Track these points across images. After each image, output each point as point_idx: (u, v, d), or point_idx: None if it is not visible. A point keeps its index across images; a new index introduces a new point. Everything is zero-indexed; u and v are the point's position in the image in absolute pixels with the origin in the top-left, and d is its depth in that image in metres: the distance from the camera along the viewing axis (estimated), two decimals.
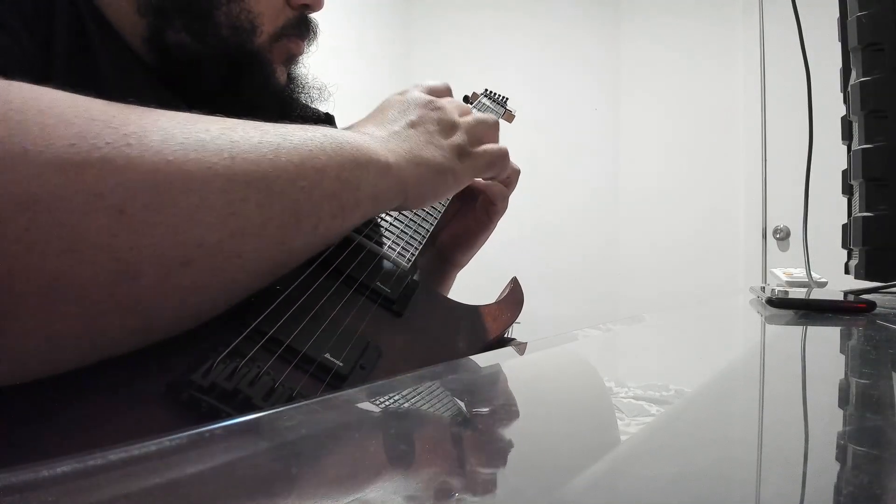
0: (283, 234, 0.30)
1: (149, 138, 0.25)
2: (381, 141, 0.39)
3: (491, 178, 0.49)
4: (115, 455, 0.15)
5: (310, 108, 0.58)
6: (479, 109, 0.78)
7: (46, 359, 0.23)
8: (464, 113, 0.46)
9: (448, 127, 0.44)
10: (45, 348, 0.23)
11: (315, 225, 0.32)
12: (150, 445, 0.16)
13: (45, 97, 0.24)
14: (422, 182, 0.40)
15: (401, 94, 0.46)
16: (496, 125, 0.48)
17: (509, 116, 0.84)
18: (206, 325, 0.29)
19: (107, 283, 0.23)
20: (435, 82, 0.49)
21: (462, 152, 0.43)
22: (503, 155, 0.47)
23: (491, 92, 0.86)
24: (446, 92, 0.49)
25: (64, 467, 0.14)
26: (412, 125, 0.42)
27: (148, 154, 0.25)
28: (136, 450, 0.16)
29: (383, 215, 0.49)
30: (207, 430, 0.18)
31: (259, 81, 0.49)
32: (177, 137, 0.26)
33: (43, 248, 0.22)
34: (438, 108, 0.44)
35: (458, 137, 0.44)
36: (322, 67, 0.58)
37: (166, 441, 0.17)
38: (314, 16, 0.52)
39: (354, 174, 0.34)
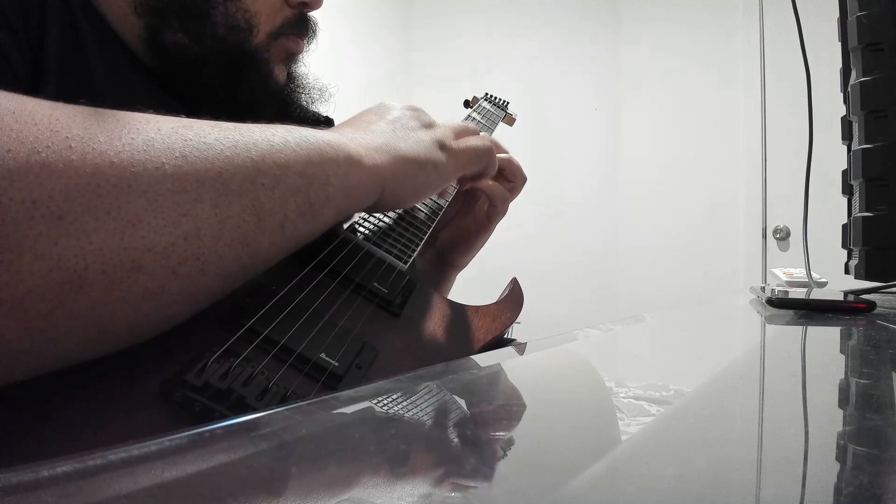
0: (245, 235, 0.28)
1: (93, 140, 0.24)
2: (353, 137, 0.38)
3: (479, 175, 0.49)
4: (115, 455, 0.15)
5: (310, 110, 0.58)
6: (479, 113, 0.78)
7: (6, 369, 0.23)
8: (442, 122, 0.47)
9: (427, 123, 0.43)
10: (2, 359, 0.22)
11: (280, 223, 0.30)
12: (150, 445, 0.16)
13: None
14: (399, 175, 0.39)
15: (378, 104, 0.46)
16: (476, 131, 0.48)
17: (510, 120, 0.84)
18: (200, 324, 0.29)
19: (51, 293, 0.22)
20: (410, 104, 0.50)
21: (443, 145, 0.43)
22: (488, 149, 0.47)
23: (491, 96, 0.86)
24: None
25: (64, 467, 0.14)
26: (390, 122, 0.42)
27: (90, 157, 0.24)
28: (136, 450, 0.16)
29: (381, 216, 0.49)
30: (207, 430, 0.18)
31: (257, 80, 0.49)
32: (123, 138, 0.25)
33: None
34: (416, 110, 0.44)
35: (437, 132, 0.43)
36: (322, 68, 0.58)
37: (166, 441, 0.17)
38: (314, 14, 0.52)
39: (322, 169, 0.33)
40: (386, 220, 0.49)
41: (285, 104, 0.53)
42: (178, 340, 0.28)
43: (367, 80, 2.41)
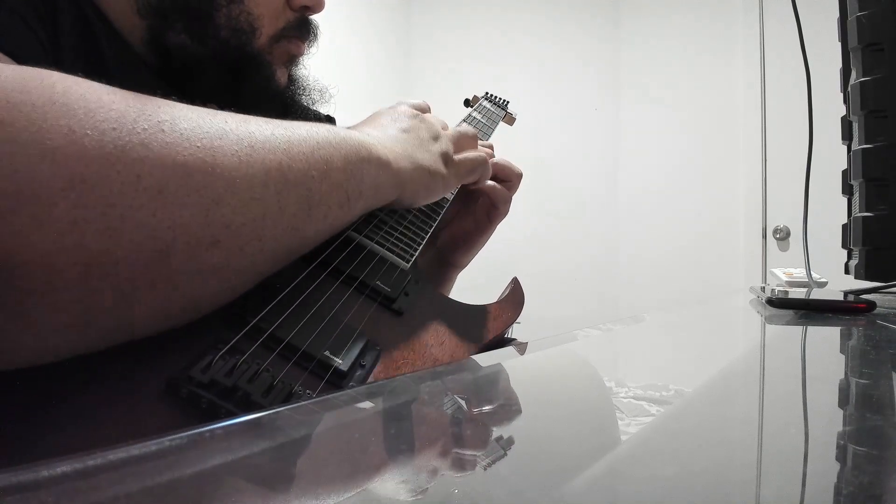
0: (298, 221, 0.31)
1: (179, 126, 0.27)
2: (379, 140, 0.41)
3: (474, 183, 0.54)
4: (115, 455, 0.15)
5: (311, 110, 0.58)
6: (479, 112, 0.78)
7: (79, 335, 0.24)
8: (444, 127, 0.51)
9: (434, 136, 0.47)
10: (79, 323, 0.24)
11: (325, 214, 0.33)
12: (150, 445, 0.16)
13: (83, 82, 0.25)
14: (416, 181, 0.43)
15: (390, 107, 0.49)
16: (475, 137, 0.53)
17: (510, 119, 0.84)
18: (206, 321, 0.29)
19: (143, 260, 0.24)
20: (418, 101, 0.54)
21: (447, 159, 0.47)
22: (483, 161, 0.52)
23: (491, 95, 0.86)
24: (428, 109, 0.54)
25: (64, 467, 0.14)
26: (404, 131, 0.45)
27: (180, 140, 0.26)
28: (136, 450, 0.16)
29: (384, 216, 0.49)
30: (208, 430, 0.18)
31: (259, 83, 0.49)
32: (202, 126, 0.28)
33: (86, 226, 0.23)
34: (424, 121, 0.48)
35: (443, 145, 0.48)
36: (322, 68, 0.58)
37: (166, 441, 0.17)
38: (315, 17, 0.52)
39: (358, 167, 0.36)
40: (388, 219, 0.49)
41: (286, 106, 0.53)
42: (184, 337, 0.28)
43: (368, 80, 2.41)
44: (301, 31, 0.51)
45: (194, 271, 0.26)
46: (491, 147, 0.65)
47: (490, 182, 0.61)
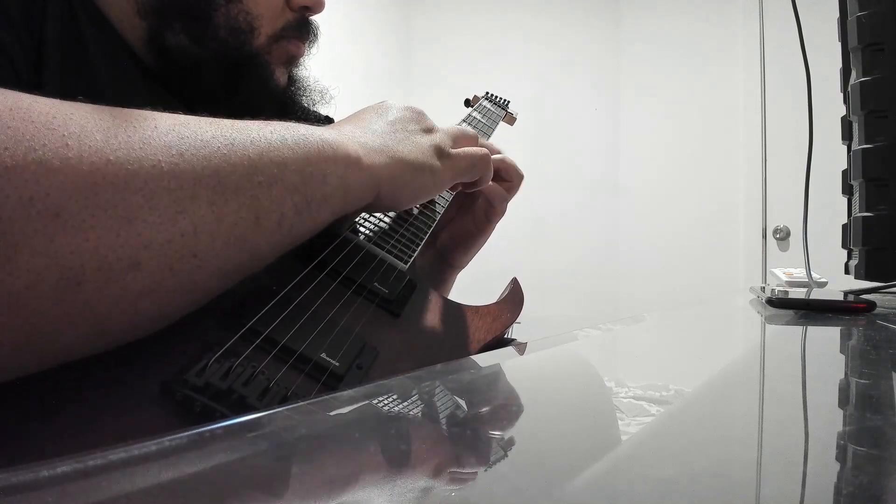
0: (242, 232, 0.29)
1: (89, 138, 0.24)
2: (352, 136, 0.38)
3: (475, 183, 0.49)
4: (115, 455, 0.15)
5: (310, 111, 0.58)
6: (480, 112, 0.78)
7: (2, 367, 0.23)
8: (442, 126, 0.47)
9: (427, 128, 0.43)
10: None
11: (278, 222, 0.30)
12: (150, 445, 0.16)
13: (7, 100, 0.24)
14: (396, 177, 0.39)
15: (378, 102, 0.46)
16: (475, 137, 0.48)
17: (510, 119, 0.84)
18: (201, 324, 0.29)
19: (48, 290, 0.22)
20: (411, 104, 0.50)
21: (441, 152, 0.43)
22: (485, 157, 0.47)
23: (492, 95, 0.86)
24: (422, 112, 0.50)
25: (64, 467, 0.14)
26: (390, 124, 0.42)
27: (87, 154, 0.24)
28: (136, 450, 0.16)
29: (381, 216, 0.49)
30: (207, 430, 0.18)
31: (258, 83, 0.49)
32: (120, 136, 0.25)
33: None
34: (417, 112, 0.44)
35: (437, 137, 0.43)
36: (322, 69, 0.58)
37: (166, 441, 0.17)
38: (315, 18, 0.52)
39: (319, 168, 0.33)
40: (386, 220, 0.49)
41: (285, 106, 0.53)
42: (179, 340, 0.28)
43: (368, 80, 2.41)
44: (301, 31, 0.51)
45: (116, 297, 0.24)
46: (491, 145, 0.62)
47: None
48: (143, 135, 0.26)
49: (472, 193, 0.62)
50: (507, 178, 0.61)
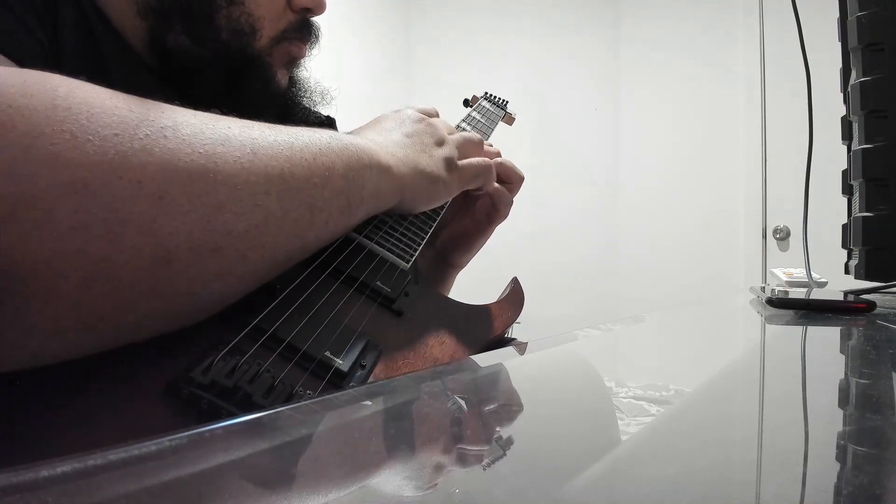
0: (299, 227, 0.31)
1: (181, 131, 0.27)
2: (382, 145, 0.41)
3: (478, 190, 0.54)
4: (115, 455, 0.15)
5: (311, 111, 0.58)
6: (479, 112, 0.78)
7: (80, 339, 0.24)
8: (450, 132, 0.51)
9: (438, 141, 0.47)
10: (79, 328, 0.24)
11: (326, 220, 0.34)
12: (150, 445, 0.16)
13: (86, 86, 0.25)
14: (417, 186, 0.43)
15: (395, 111, 0.49)
16: (481, 143, 0.53)
17: (509, 119, 0.84)
18: (206, 322, 0.29)
19: (144, 266, 0.24)
20: (425, 106, 0.53)
21: (451, 165, 0.47)
22: (488, 167, 0.52)
23: (491, 95, 0.86)
24: (435, 114, 0.53)
25: (64, 467, 0.14)
26: (408, 136, 0.45)
27: (182, 146, 0.26)
28: (136, 450, 0.16)
29: (384, 216, 0.49)
30: (207, 430, 0.18)
31: (259, 84, 0.49)
32: (205, 132, 0.28)
33: (87, 231, 0.23)
34: (430, 125, 0.48)
35: (447, 150, 0.47)
36: (322, 69, 0.58)
37: (166, 441, 0.17)
38: (316, 20, 0.52)
39: (360, 173, 0.36)
40: (388, 219, 0.49)
41: (287, 108, 0.53)
42: (184, 338, 0.28)
43: (368, 79, 2.41)
44: (302, 32, 0.51)
45: (196, 277, 0.26)
46: (498, 153, 0.64)
47: (493, 184, 0.61)
48: (222, 133, 0.29)
49: (472, 194, 0.62)
50: (508, 179, 0.61)
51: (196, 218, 0.26)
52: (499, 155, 0.61)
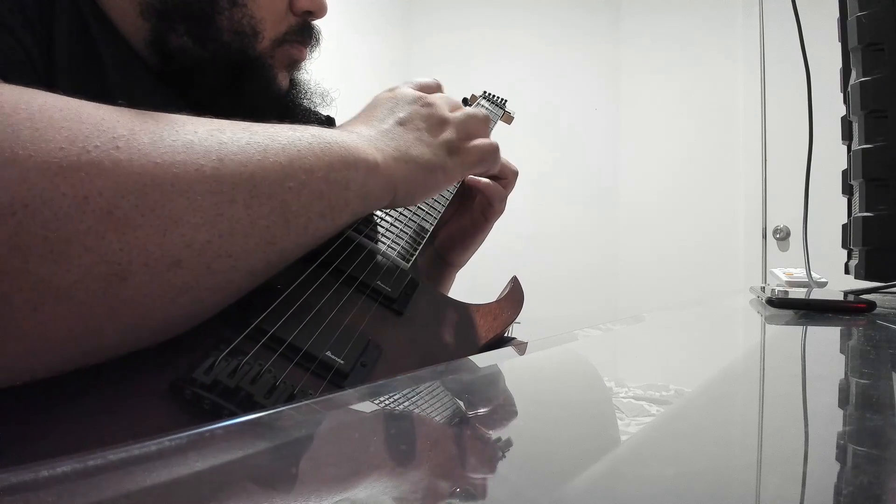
0: (273, 234, 0.30)
1: (137, 141, 0.25)
2: (370, 140, 0.39)
3: (483, 174, 0.50)
4: (115, 455, 0.15)
5: (312, 112, 0.58)
6: None
7: (38, 361, 0.23)
8: (454, 108, 0.46)
9: (438, 123, 0.43)
10: (36, 350, 0.23)
11: (304, 225, 0.32)
12: (150, 445, 0.16)
13: (36, 100, 0.24)
14: (410, 180, 0.40)
15: (390, 90, 0.46)
16: (486, 119, 0.48)
17: (508, 118, 0.84)
18: (208, 323, 0.29)
19: (96, 284, 0.23)
20: (425, 79, 0.49)
21: (452, 149, 0.43)
22: (493, 149, 0.47)
23: (490, 94, 0.86)
24: (437, 88, 0.49)
25: (64, 467, 0.14)
26: (401, 123, 0.42)
27: (136, 157, 0.25)
28: (136, 450, 0.16)
29: (383, 215, 0.49)
30: (208, 430, 0.18)
31: (260, 86, 0.49)
32: (165, 140, 0.26)
33: (28, 251, 0.22)
34: (428, 105, 0.44)
35: (447, 133, 0.44)
36: (322, 69, 0.58)
37: (166, 441, 0.17)
38: (318, 23, 0.52)
39: (343, 174, 0.34)
40: (388, 218, 0.49)
41: (287, 109, 0.53)
42: (186, 339, 0.28)
43: (368, 79, 2.41)
44: (303, 35, 0.51)
45: (158, 293, 0.25)
46: None
47: (485, 179, 0.61)
48: (185, 139, 0.27)
49: (469, 191, 0.62)
50: (502, 175, 0.61)
51: (150, 232, 0.25)
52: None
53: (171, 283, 0.26)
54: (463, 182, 0.62)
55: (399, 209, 0.50)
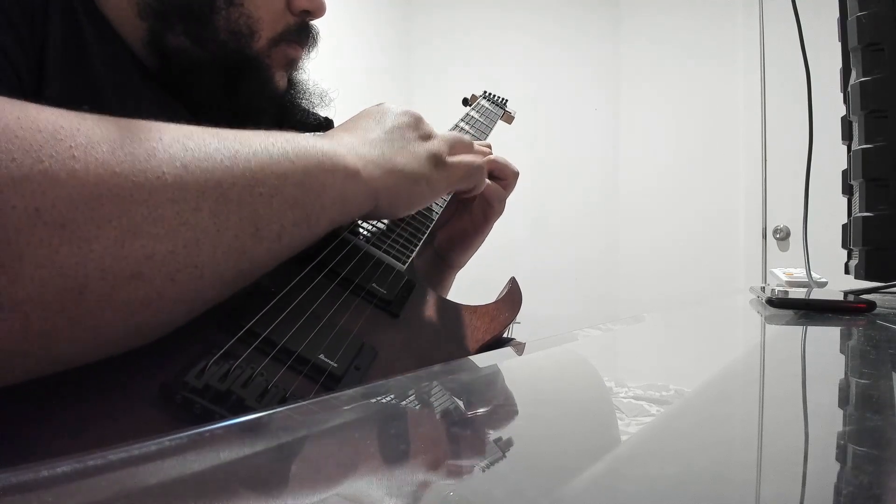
0: (242, 244, 0.29)
1: (96, 150, 0.24)
2: (351, 146, 0.38)
3: (467, 193, 0.49)
4: (115, 455, 0.15)
5: (310, 113, 0.58)
6: (478, 111, 0.78)
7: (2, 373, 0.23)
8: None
9: (425, 135, 0.43)
10: None
11: (277, 233, 0.31)
12: (150, 445, 0.16)
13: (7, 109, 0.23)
14: (393, 188, 0.39)
15: (378, 105, 0.45)
16: (471, 145, 0.48)
17: (508, 118, 0.84)
18: (199, 326, 0.29)
19: (52, 298, 0.23)
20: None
21: (438, 161, 0.43)
22: (480, 167, 0.47)
23: (490, 94, 0.86)
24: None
25: (64, 467, 0.14)
26: (387, 132, 0.41)
27: (93, 166, 0.24)
28: (136, 450, 0.16)
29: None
30: (207, 430, 0.18)
31: (257, 86, 0.49)
32: (125, 147, 0.26)
33: None
34: (416, 118, 0.44)
35: (434, 145, 0.43)
36: (321, 69, 0.58)
37: (166, 441, 0.17)
38: (315, 23, 0.52)
39: (319, 180, 0.33)
40: (384, 221, 0.49)
41: (285, 109, 0.53)
42: (177, 342, 0.28)
43: (368, 79, 2.41)
44: (301, 35, 0.51)
45: (119, 306, 0.24)
46: (489, 146, 0.63)
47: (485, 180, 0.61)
48: (148, 147, 0.26)
49: (460, 197, 0.62)
50: (502, 176, 0.61)
51: (106, 244, 0.24)
52: (490, 152, 0.61)
53: (132, 296, 0.25)
54: None
55: None
